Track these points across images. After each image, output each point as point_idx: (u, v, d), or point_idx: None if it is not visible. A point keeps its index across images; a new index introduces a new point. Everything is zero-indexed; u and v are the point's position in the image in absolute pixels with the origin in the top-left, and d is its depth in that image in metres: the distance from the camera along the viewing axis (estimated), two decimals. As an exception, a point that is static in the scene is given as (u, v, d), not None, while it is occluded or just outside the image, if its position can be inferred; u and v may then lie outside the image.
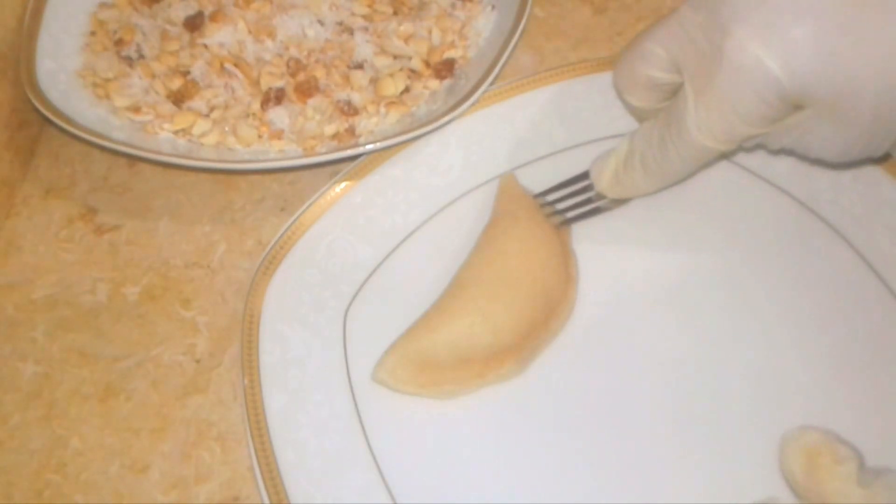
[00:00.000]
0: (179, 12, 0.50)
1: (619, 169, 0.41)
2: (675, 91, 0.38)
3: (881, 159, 0.41)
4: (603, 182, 0.42)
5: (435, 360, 0.38)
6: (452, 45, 0.49)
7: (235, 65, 0.48)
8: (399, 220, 0.44)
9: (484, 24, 0.50)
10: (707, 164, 0.40)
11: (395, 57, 0.49)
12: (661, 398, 0.39)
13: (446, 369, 0.39)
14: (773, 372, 0.39)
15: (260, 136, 0.46)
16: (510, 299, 0.39)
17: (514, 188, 0.43)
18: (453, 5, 0.51)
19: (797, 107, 0.34)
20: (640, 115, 0.42)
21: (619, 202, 0.43)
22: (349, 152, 0.43)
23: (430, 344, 0.39)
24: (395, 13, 0.51)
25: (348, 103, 0.47)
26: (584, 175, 0.43)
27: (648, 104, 0.40)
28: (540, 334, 0.40)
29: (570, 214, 0.43)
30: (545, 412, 0.39)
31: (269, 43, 0.49)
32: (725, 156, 0.43)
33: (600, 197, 0.43)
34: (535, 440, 0.38)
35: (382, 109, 0.46)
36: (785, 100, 0.33)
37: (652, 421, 0.38)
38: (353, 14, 0.50)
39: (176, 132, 0.46)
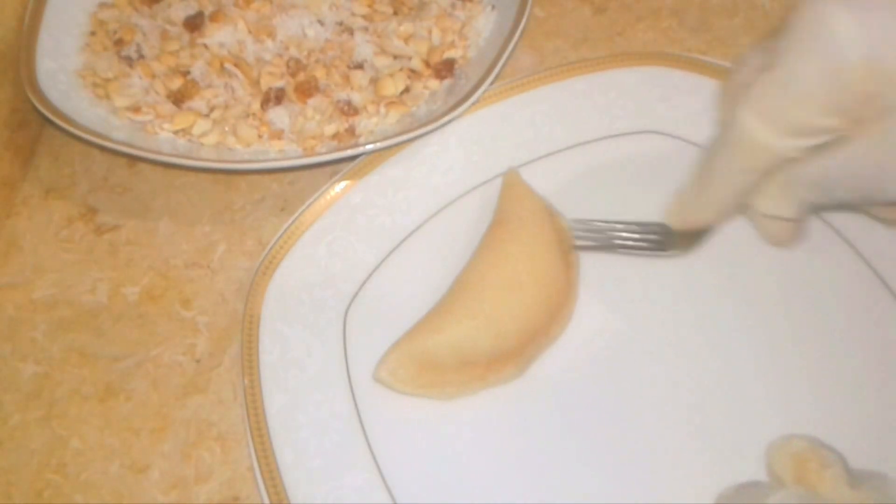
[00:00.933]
0: (179, 12, 0.50)
1: (682, 192, 0.37)
2: None
3: None
4: (673, 208, 0.39)
5: (436, 361, 0.38)
6: (452, 45, 0.49)
7: (235, 65, 0.48)
8: (399, 219, 0.44)
9: (484, 24, 0.50)
10: (760, 175, 0.34)
11: (395, 57, 0.49)
12: (655, 400, 0.39)
13: (448, 371, 0.39)
14: (763, 379, 0.39)
15: (260, 136, 0.46)
16: (515, 304, 0.39)
17: (518, 185, 0.43)
18: (453, 5, 0.51)
19: (881, 112, 0.29)
20: None
21: (679, 245, 0.41)
22: (349, 152, 0.43)
23: (432, 345, 0.38)
24: (395, 13, 0.51)
25: (348, 103, 0.47)
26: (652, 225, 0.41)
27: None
28: (541, 338, 0.40)
29: (624, 243, 0.42)
30: (544, 414, 0.39)
31: (269, 43, 0.49)
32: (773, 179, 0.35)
33: (666, 237, 0.40)
34: (534, 441, 0.38)
35: (382, 109, 0.46)
36: (855, 78, 0.28)
37: (646, 423, 0.38)
38: (353, 14, 0.50)
39: (176, 132, 0.46)
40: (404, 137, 0.43)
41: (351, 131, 0.46)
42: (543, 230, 0.41)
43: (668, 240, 0.41)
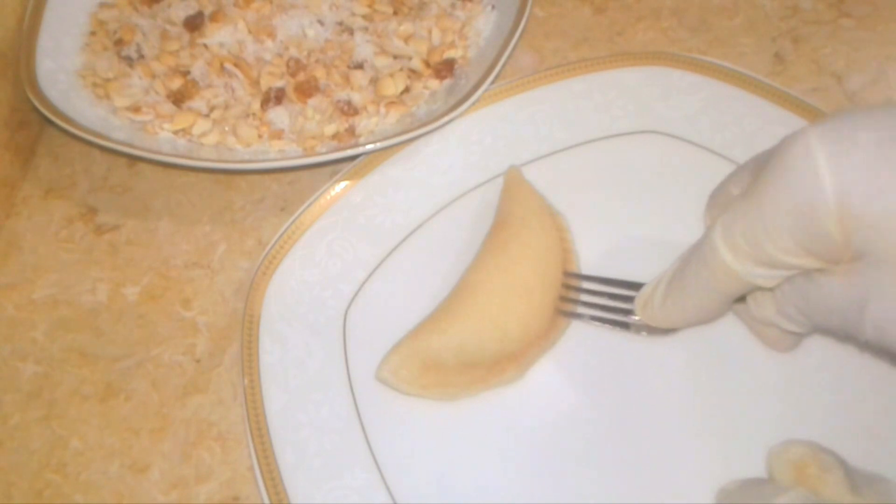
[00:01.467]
0: (179, 12, 0.50)
1: (653, 290, 0.36)
2: None
3: None
4: (638, 301, 0.37)
5: (440, 362, 0.38)
6: (452, 45, 0.49)
7: (235, 65, 0.48)
8: (399, 219, 0.44)
9: (484, 24, 0.50)
10: (728, 299, 0.33)
11: (395, 57, 0.49)
12: (654, 403, 0.38)
13: (450, 372, 0.38)
14: (762, 384, 0.39)
15: (260, 136, 0.46)
16: (523, 308, 0.39)
17: (520, 184, 0.43)
18: (453, 5, 0.51)
19: (855, 255, 0.27)
20: None
21: (650, 328, 0.39)
22: (349, 152, 0.43)
23: (437, 345, 0.38)
24: (395, 13, 0.51)
25: (348, 103, 0.47)
26: (631, 285, 0.39)
27: None
28: (543, 342, 0.40)
29: (591, 313, 0.40)
30: (543, 414, 0.38)
31: (269, 43, 0.49)
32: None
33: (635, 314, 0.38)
34: (534, 440, 0.38)
35: (382, 109, 0.46)
36: (828, 221, 0.26)
37: (644, 426, 0.38)
38: (353, 14, 0.50)
39: (176, 132, 0.46)
40: (404, 137, 0.43)
41: (351, 131, 0.46)
42: (548, 232, 0.41)
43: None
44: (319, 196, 0.43)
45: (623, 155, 0.45)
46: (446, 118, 0.43)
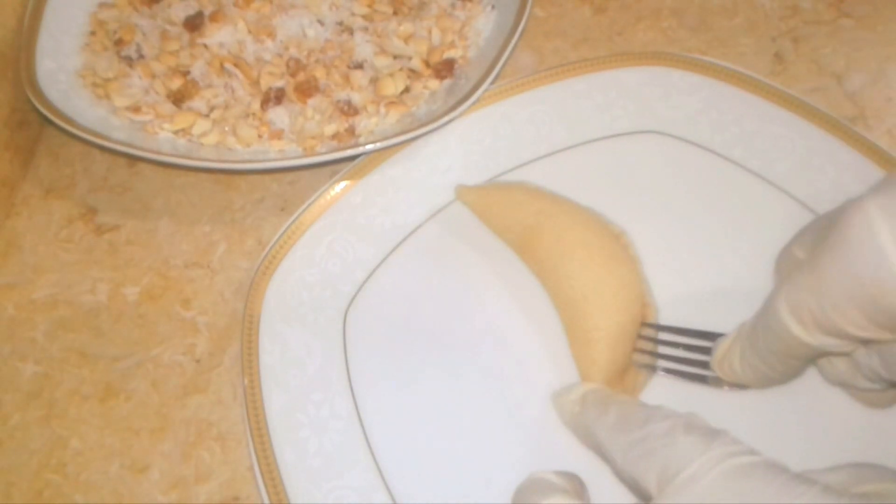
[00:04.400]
0: (179, 12, 0.50)
1: (727, 349, 0.35)
2: None
3: None
4: (715, 355, 0.36)
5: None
6: (452, 45, 0.49)
7: (235, 65, 0.48)
8: (399, 219, 0.44)
9: (484, 24, 0.50)
10: (802, 362, 0.33)
11: (395, 57, 0.49)
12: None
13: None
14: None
15: (260, 136, 0.46)
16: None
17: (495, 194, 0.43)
18: (453, 5, 0.51)
19: None
20: None
21: (726, 383, 0.37)
22: (349, 152, 0.43)
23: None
24: (395, 13, 0.51)
25: (348, 103, 0.47)
26: (707, 335, 0.38)
27: None
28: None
29: (669, 366, 0.39)
30: (544, 418, 0.38)
31: (269, 43, 0.49)
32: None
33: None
34: (534, 443, 0.38)
35: (382, 109, 0.46)
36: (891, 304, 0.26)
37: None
38: (353, 14, 0.50)
39: (176, 132, 0.46)
40: (404, 137, 0.43)
41: (351, 131, 0.46)
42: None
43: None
44: (319, 196, 0.43)
45: (623, 155, 0.45)
46: (446, 118, 0.43)
